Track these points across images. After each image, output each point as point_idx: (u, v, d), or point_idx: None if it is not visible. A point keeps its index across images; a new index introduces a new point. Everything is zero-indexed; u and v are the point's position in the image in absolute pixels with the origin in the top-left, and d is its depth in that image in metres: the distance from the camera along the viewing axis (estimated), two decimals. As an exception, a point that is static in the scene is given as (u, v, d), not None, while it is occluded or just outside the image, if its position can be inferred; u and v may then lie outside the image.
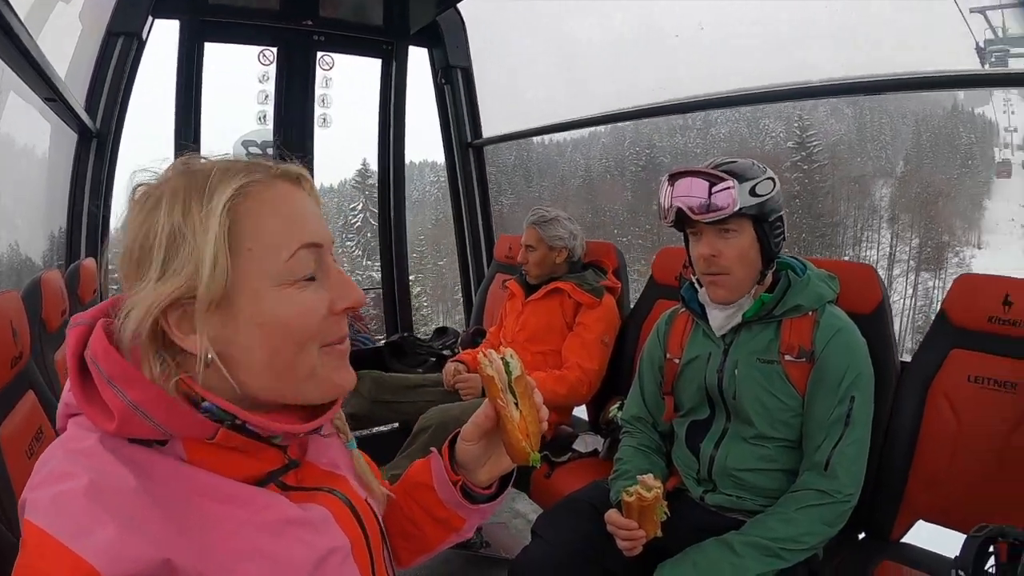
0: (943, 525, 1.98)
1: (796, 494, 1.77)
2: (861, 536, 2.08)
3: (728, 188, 1.75)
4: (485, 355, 1.04)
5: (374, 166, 4.19)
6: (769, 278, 1.91)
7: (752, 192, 1.77)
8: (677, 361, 2.07)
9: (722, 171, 1.77)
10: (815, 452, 1.78)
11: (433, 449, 1.12)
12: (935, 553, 1.98)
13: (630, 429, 2.18)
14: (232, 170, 0.82)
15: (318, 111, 3.88)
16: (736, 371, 1.89)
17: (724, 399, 1.93)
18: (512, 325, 3.06)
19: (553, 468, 2.65)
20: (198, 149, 0.89)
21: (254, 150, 4.16)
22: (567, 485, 2.45)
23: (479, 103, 4.17)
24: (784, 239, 1.87)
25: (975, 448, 1.89)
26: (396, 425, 3.39)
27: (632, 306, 3.01)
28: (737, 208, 1.75)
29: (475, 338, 3.65)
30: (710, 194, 1.76)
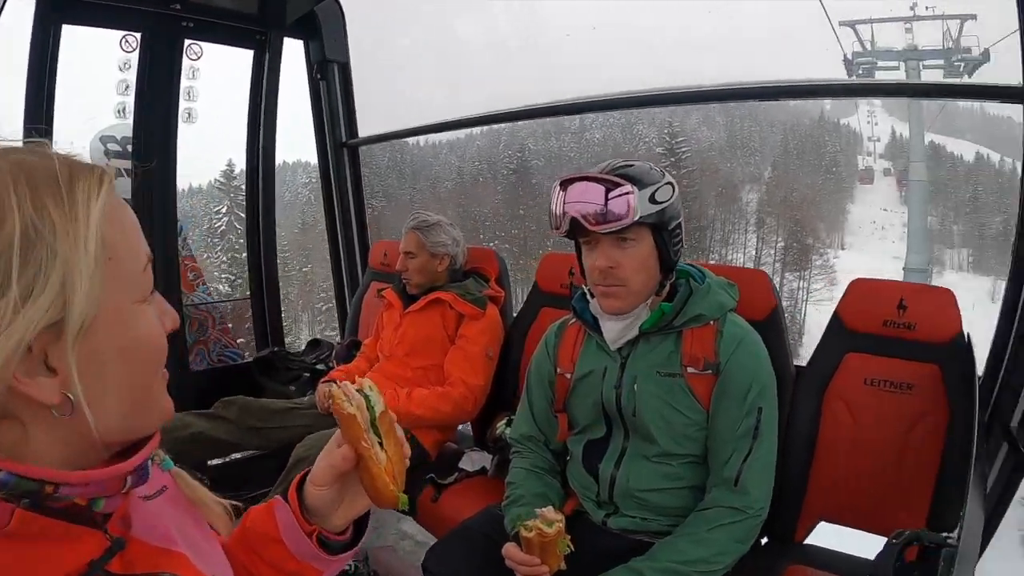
0: (845, 525, 2.02)
1: (706, 512, 1.71)
2: (764, 541, 2.06)
3: (626, 194, 1.65)
4: (342, 389, 0.91)
5: (242, 166, 3.89)
6: (667, 287, 1.83)
7: (651, 199, 1.68)
8: (569, 376, 1.96)
9: (618, 175, 1.67)
10: (723, 467, 1.72)
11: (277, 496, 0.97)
12: (840, 552, 2.01)
13: (520, 449, 2.06)
14: (81, 165, 0.67)
15: (183, 105, 3.53)
16: (635, 386, 1.81)
17: (623, 416, 1.84)
18: (390, 337, 2.88)
19: (440, 491, 2.49)
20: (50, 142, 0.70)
21: (113, 147, 3.81)
22: (456, 509, 2.34)
23: (355, 101, 3.94)
24: (682, 246, 1.80)
25: (873, 449, 1.94)
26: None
27: (515, 315, 2.90)
28: (636, 217, 1.65)
29: (350, 351, 3.43)
30: (606, 201, 1.65)
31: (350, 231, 3.98)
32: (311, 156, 4.05)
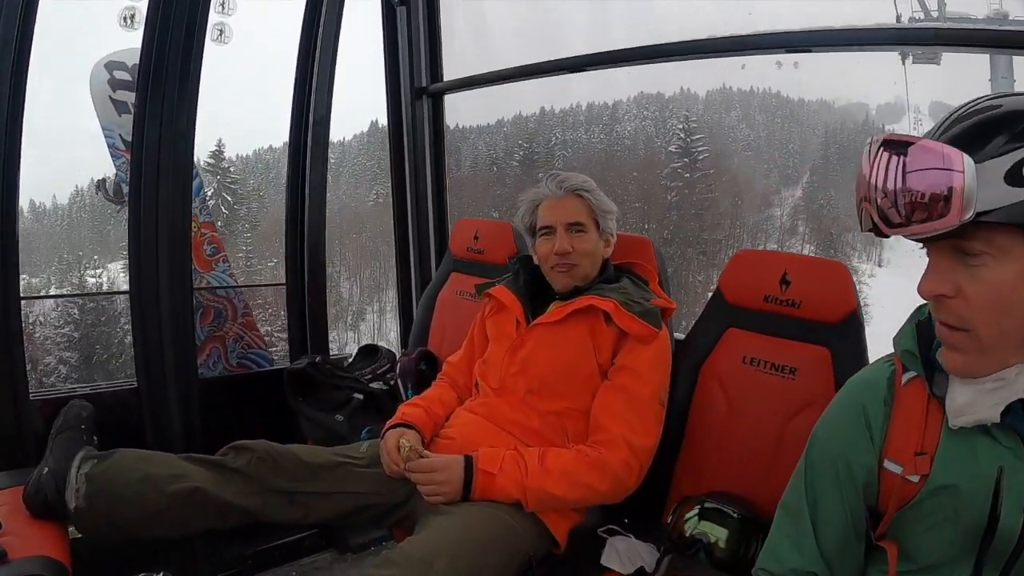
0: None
1: None
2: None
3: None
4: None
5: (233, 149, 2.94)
6: None
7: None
8: (914, 479, 1.09)
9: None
10: None
11: None
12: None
13: None
14: None
15: (214, 17, 2.57)
16: None
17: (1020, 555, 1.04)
18: (503, 362, 1.91)
19: None
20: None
21: (121, 75, 2.90)
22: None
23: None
24: None
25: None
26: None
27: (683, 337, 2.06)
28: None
29: (419, 365, 2.53)
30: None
31: (425, 204, 3.11)
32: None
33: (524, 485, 1.66)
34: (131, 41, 2.77)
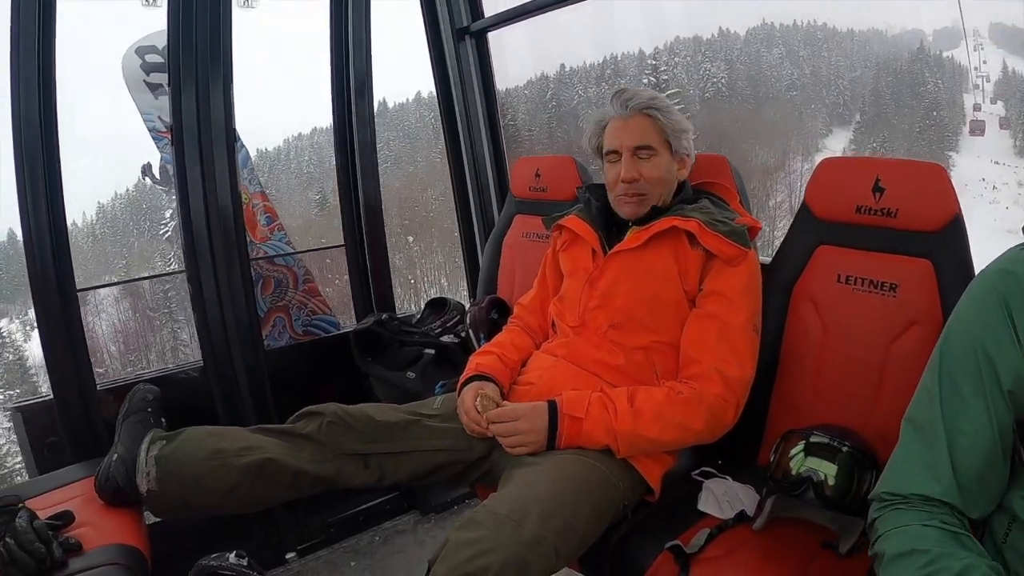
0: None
1: None
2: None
3: None
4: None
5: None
6: None
7: None
8: None
9: None
10: None
11: None
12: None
13: (903, 507, 1.08)
14: None
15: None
16: None
17: None
18: (580, 296, 1.78)
19: (686, 566, 1.43)
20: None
21: (153, 59, 2.84)
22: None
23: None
24: None
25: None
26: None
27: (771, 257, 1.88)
28: None
29: (491, 313, 2.43)
30: None
31: (480, 148, 3.01)
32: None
33: (614, 429, 1.55)
34: (156, 24, 2.74)
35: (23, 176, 2.06)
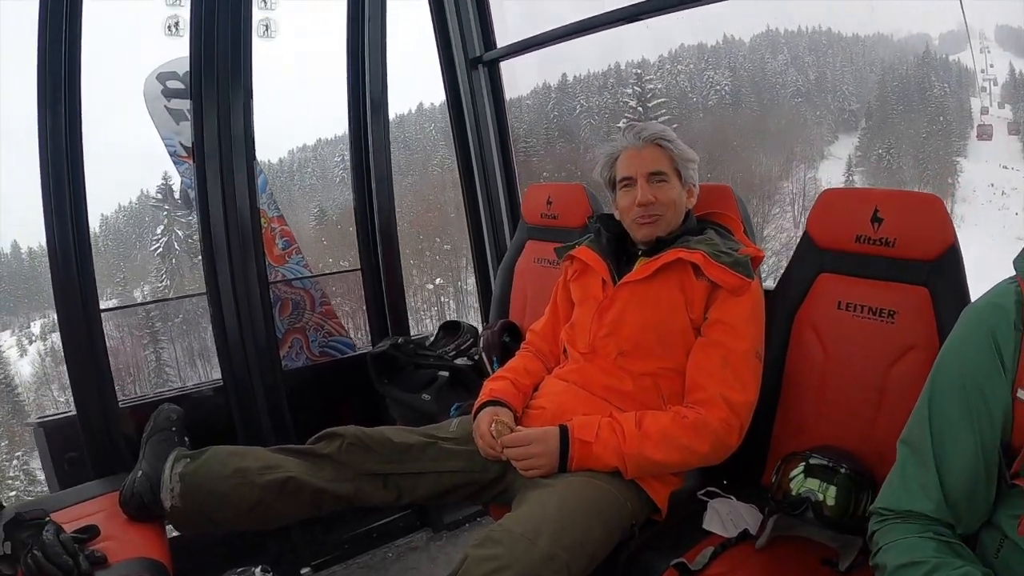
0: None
1: None
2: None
3: None
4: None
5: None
6: None
7: None
8: None
9: None
10: None
11: None
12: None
13: (900, 521, 1.16)
14: None
15: (259, 14, 2.62)
16: None
17: None
18: (591, 324, 1.85)
19: None
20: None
21: (174, 85, 2.92)
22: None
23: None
24: None
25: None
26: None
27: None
28: None
29: (503, 337, 2.51)
30: None
31: (493, 175, 3.09)
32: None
33: (622, 452, 1.62)
34: (177, 51, 2.81)
35: (49, 197, 2.13)
